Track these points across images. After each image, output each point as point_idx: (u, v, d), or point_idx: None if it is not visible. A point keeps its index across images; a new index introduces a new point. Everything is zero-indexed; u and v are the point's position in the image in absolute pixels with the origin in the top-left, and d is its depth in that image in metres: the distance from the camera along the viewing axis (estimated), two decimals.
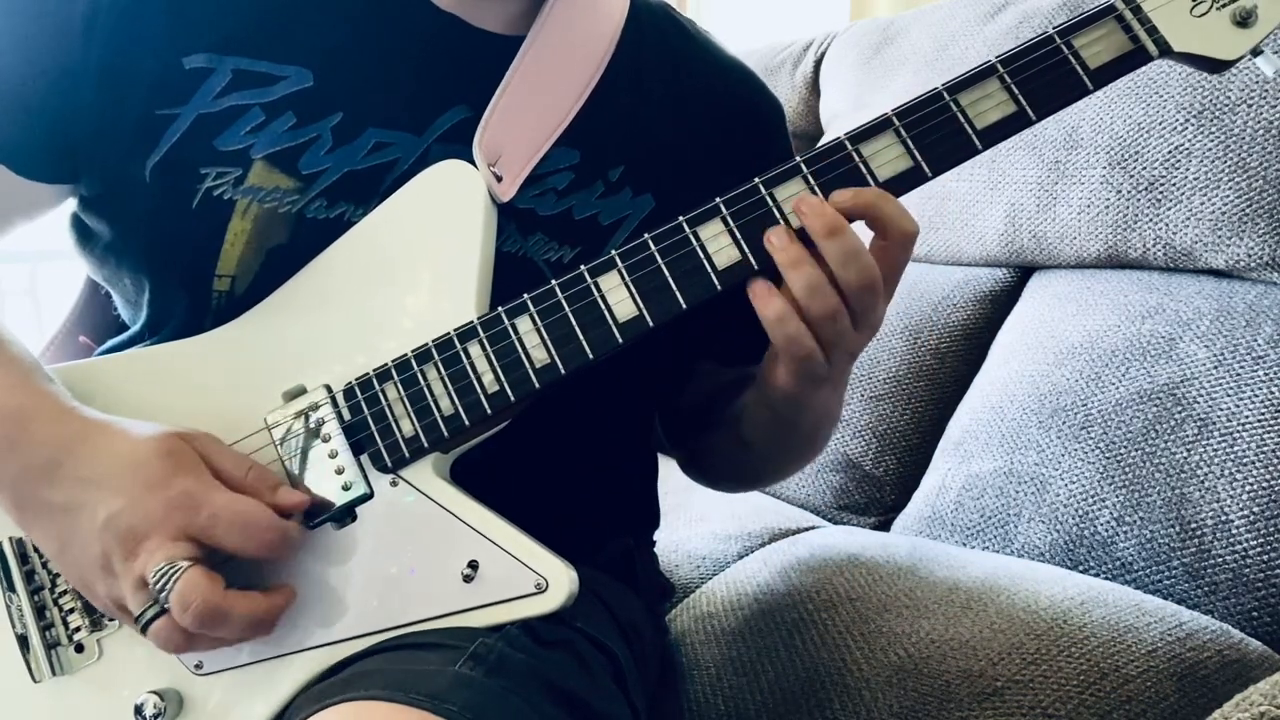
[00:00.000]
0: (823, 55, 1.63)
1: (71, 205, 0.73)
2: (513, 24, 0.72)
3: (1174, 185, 1.05)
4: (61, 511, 0.58)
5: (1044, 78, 0.60)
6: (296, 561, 0.61)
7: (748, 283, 0.61)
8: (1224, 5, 0.59)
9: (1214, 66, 0.61)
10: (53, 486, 0.58)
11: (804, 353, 0.60)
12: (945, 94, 0.60)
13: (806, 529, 1.11)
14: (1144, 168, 1.07)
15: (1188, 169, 1.03)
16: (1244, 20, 0.59)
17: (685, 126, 0.75)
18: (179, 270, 0.68)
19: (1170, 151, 1.05)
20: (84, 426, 0.60)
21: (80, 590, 0.61)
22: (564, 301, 0.61)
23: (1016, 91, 0.60)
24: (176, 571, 0.54)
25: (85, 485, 0.57)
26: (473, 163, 0.66)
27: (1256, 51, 0.60)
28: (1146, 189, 1.07)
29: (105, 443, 0.59)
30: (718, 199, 0.61)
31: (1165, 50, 0.60)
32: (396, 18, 0.69)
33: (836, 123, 1.56)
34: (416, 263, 0.65)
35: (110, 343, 0.75)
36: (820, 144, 0.62)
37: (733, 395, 0.81)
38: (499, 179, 0.67)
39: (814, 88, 1.64)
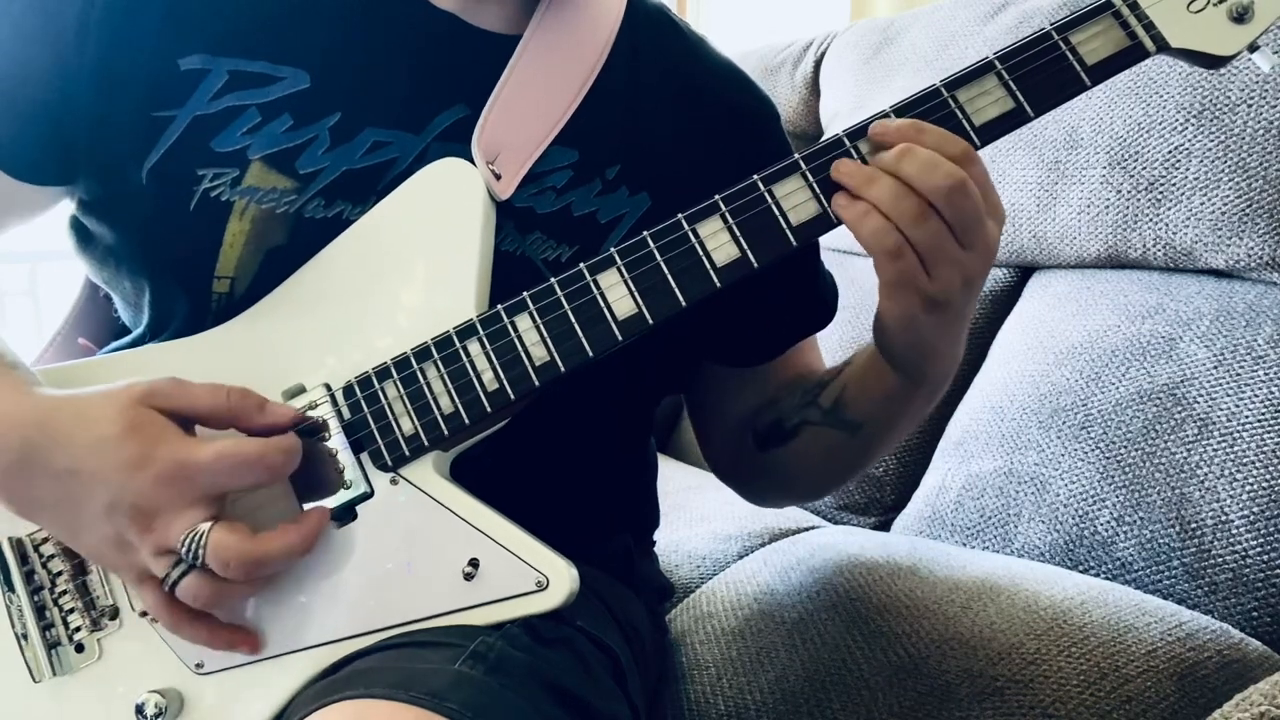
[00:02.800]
0: (823, 55, 1.63)
1: (70, 207, 0.72)
2: (512, 23, 0.72)
3: (1174, 185, 1.05)
4: (58, 504, 0.58)
5: (1042, 74, 0.59)
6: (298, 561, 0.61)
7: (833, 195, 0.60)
8: (1220, 1, 0.59)
9: (1211, 62, 0.61)
10: (36, 482, 0.58)
11: (893, 246, 0.58)
12: (943, 90, 0.60)
13: (806, 529, 1.11)
14: (1144, 168, 1.07)
15: (1188, 169, 1.03)
16: (1240, 16, 0.59)
17: (681, 126, 0.75)
18: (178, 273, 0.68)
19: (1170, 151, 1.05)
20: (42, 413, 0.58)
21: (100, 563, 0.62)
22: (563, 299, 0.61)
23: (1014, 88, 0.60)
24: (200, 536, 0.55)
25: (65, 478, 0.57)
26: (471, 161, 0.66)
27: (1253, 47, 0.60)
28: (1146, 189, 1.07)
29: (68, 429, 0.57)
30: (716, 196, 0.61)
31: (1162, 46, 0.60)
32: (394, 17, 0.69)
33: (836, 123, 1.56)
34: (415, 261, 0.65)
35: (113, 345, 0.75)
36: (820, 141, 0.62)
37: (793, 398, 0.78)
38: (497, 177, 0.67)
39: (814, 88, 1.64)
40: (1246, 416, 0.90)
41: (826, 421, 0.76)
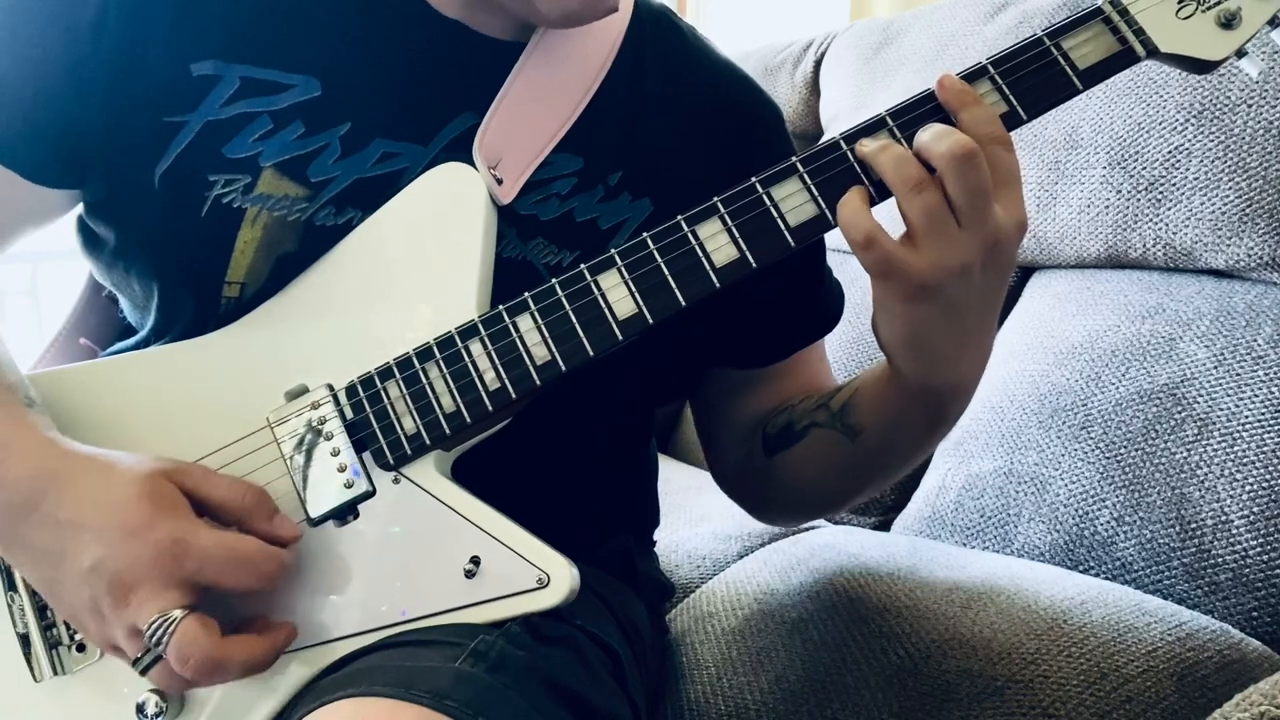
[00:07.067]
0: (823, 55, 1.64)
1: (78, 209, 0.73)
2: (518, 30, 0.71)
3: (1174, 185, 1.05)
4: (44, 554, 0.57)
5: (1034, 78, 0.61)
6: (299, 559, 0.61)
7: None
8: (1209, 7, 0.60)
9: (1200, 67, 0.62)
10: (32, 527, 0.57)
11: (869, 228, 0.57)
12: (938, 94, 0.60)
13: (807, 529, 1.11)
14: (1144, 168, 1.07)
15: (1188, 169, 1.03)
16: (1228, 22, 0.60)
17: (684, 131, 0.75)
18: (188, 277, 0.68)
19: (1170, 151, 1.05)
20: (62, 462, 0.58)
21: (73, 625, 0.60)
22: (564, 300, 0.62)
23: (1008, 92, 0.60)
24: (171, 623, 0.53)
25: (65, 529, 0.56)
26: (474, 166, 0.66)
27: (1241, 53, 0.61)
28: (1146, 189, 1.07)
29: (85, 483, 0.57)
30: (715, 198, 0.61)
31: (1152, 51, 0.61)
32: (402, 25, 0.69)
33: (836, 123, 1.56)
34: (418, 263, 0.65)
35: (117, 346, 0.75)
36: (818, 144, 0.62)
37: (808, 403, 0.77)
38: (499, 181, 0.67)
39: (814, 88, 1.64)
40: (1246, 416, 0.90)
41: (832, 423, 0.74)
